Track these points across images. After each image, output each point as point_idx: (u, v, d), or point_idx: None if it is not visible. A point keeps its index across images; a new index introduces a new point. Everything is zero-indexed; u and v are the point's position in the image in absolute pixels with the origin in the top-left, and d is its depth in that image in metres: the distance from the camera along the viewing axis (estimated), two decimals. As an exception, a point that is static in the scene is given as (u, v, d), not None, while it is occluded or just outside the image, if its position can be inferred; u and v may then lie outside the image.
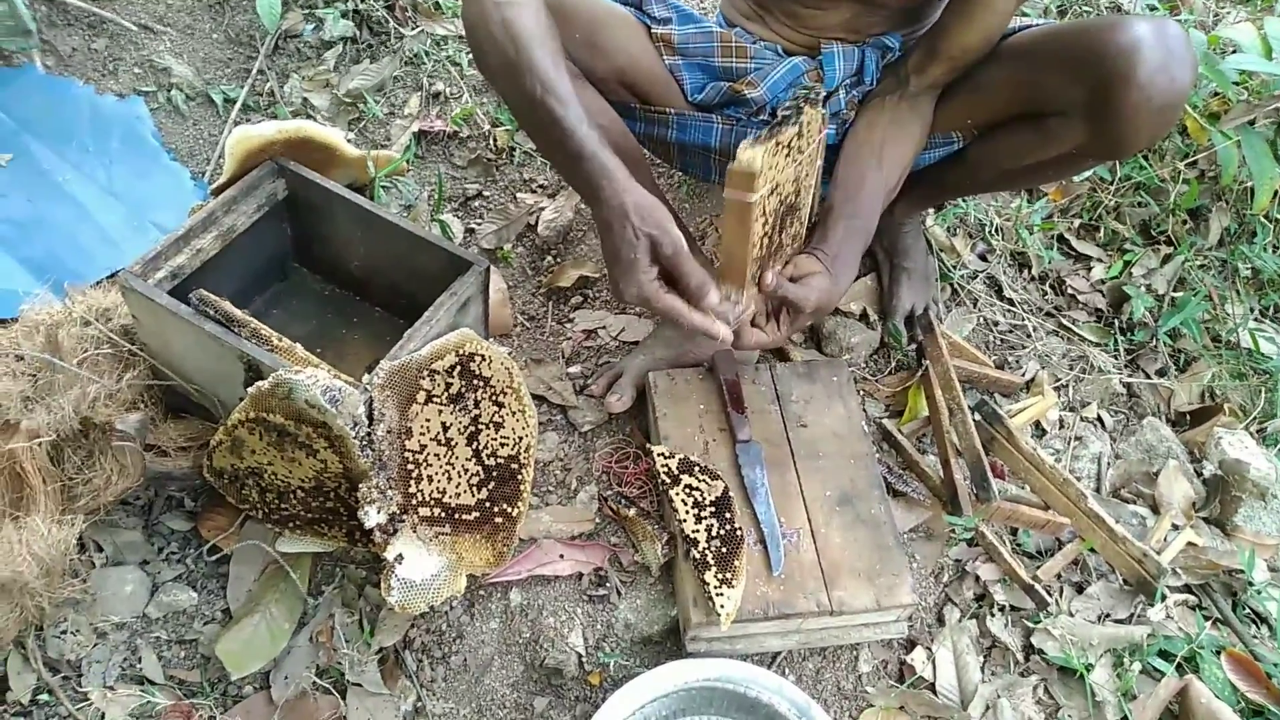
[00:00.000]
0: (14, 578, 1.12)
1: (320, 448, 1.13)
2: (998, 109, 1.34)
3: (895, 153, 1.34)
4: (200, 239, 1.31)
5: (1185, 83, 1.15)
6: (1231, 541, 1.47)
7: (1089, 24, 1.21)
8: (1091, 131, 1.23)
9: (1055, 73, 1.23)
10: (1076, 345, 1.72)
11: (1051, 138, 1.28)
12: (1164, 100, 1.14)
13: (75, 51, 1.85)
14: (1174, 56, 1.13)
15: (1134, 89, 1.13)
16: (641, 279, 1.08)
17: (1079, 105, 1.21)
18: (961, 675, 1.31)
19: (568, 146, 1.12)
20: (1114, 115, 1.17)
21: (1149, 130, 1.19)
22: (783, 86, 1.37)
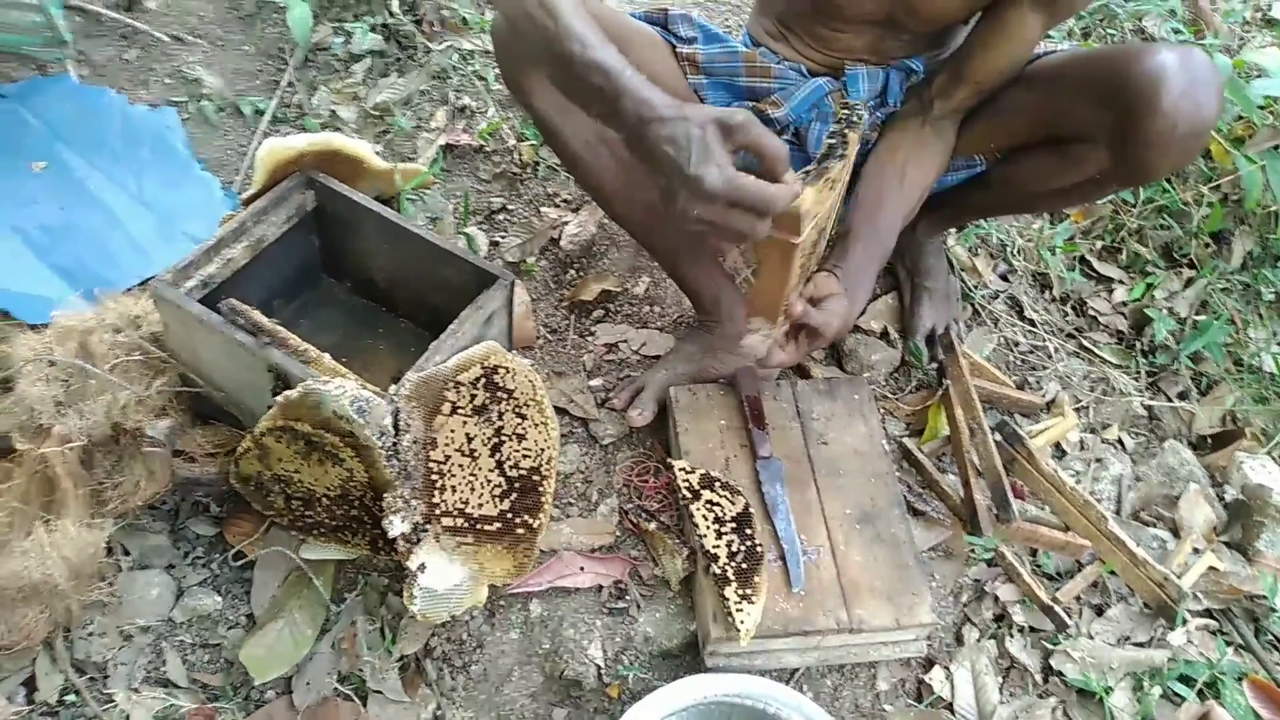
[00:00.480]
0: (44, 580, 1.14)
1: (346, 457, 1.14)
2: (1021, 133, 1.34)
3: (916, 175, 1.35)
4: (230, 249, 1.32)
5: (1211, 111, 1.15)
6: (1253, 566, 1.46)
7: (1115, 51, 1.22)
8: (1115, 158, 1.23)
9: (1080, 99, 1.24)
10: (1098, 367, 1.72)
11: (1075, 163, 1.29)
12: (1189, 128, 1.15)
13: (109, 62, 1.88)
14: (1199, 84, 1.13)
15: (1159, 116, 1.14)
16: (721, 161, 0.97)
17: (1103, 131, 1.21)
18: (980, 695, 1.31)
19: (613, 88, 1.04)
20: (1138, 142, 1.18)
21: (1173, 158, 1.19)
22: (806, 106, 1.38)
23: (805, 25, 1.36)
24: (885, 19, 1.27)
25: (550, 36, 1.11)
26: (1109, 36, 2.11)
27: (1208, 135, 1.19)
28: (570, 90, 1.16)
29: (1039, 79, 1.30)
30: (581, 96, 1.12)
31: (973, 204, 1.53)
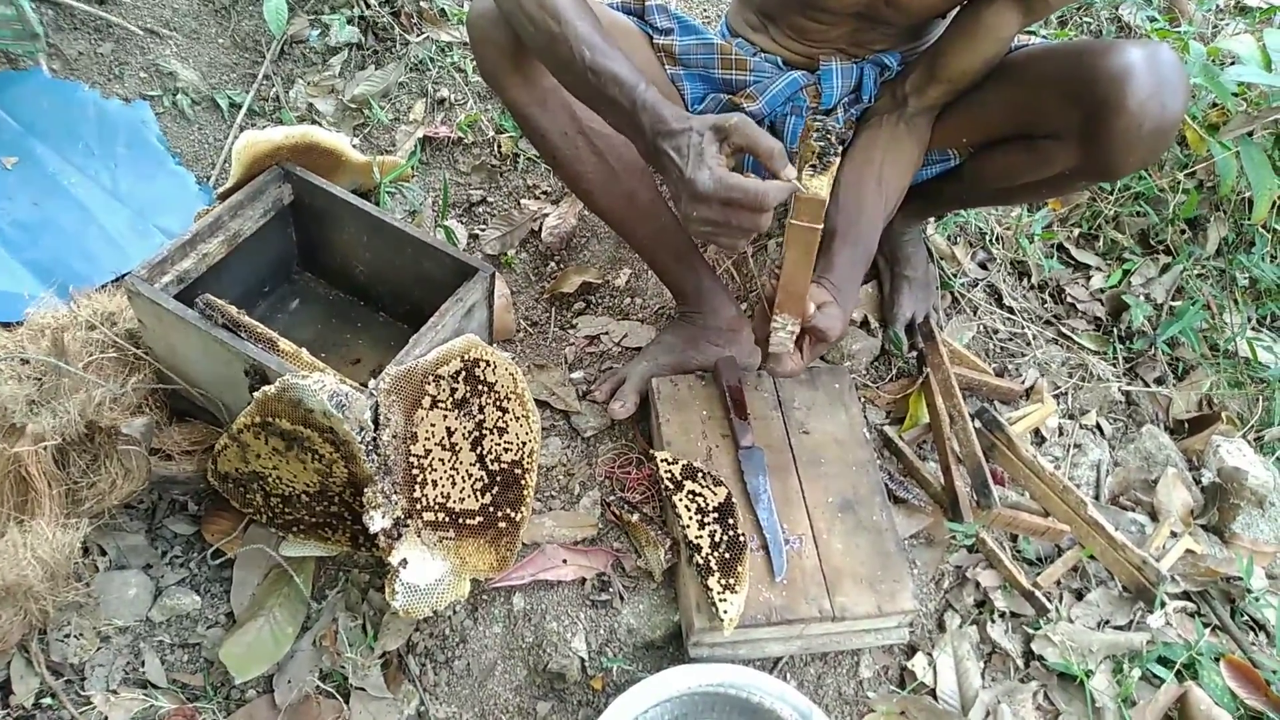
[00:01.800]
0: (18, 581, 1.12)
1: (325, 452, 1.13)
2: (992, 128, 1.35)
3: (893, 175, 1.35)
4: (206, 243, 1.31)
5: (1177, 110, 1.15)
6: (1230, 549, 1.48)
7: (1082, 47, 1.22)
8: (1083, 155, 1.24)
9: (1048, 96, 1.24)
10: (1076, 353, 1.73)
11: (1044, 159, 1.30)
12: (1154, 126, 1.15)
13: (81, 55, 1.86)
14: (1166, 84, 1.13)
15: (1125, 115, 1.14)
16: (712, 163, 1.02)
17: (1071, 129, 1.22)
18: (962, 681, 1.31)
19: (630, 101, 1.09)
20: (1105, 141, 1.18)
21: (1140, 155, 1.20)
22: (781, 100, 1.38)
23: (786, 16, 1.36)
24: (866, 10, 1.27)
25: (555, 38, 1.12)
26: (1085, 25, 2.12)
27: (1174, 133, 1.19)
28: (578, 93, 1.16)
29: (1009, 74, 1.30)
30: (592, 102, 1.14)
31: (947, 196, 1.54)
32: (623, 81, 1.08)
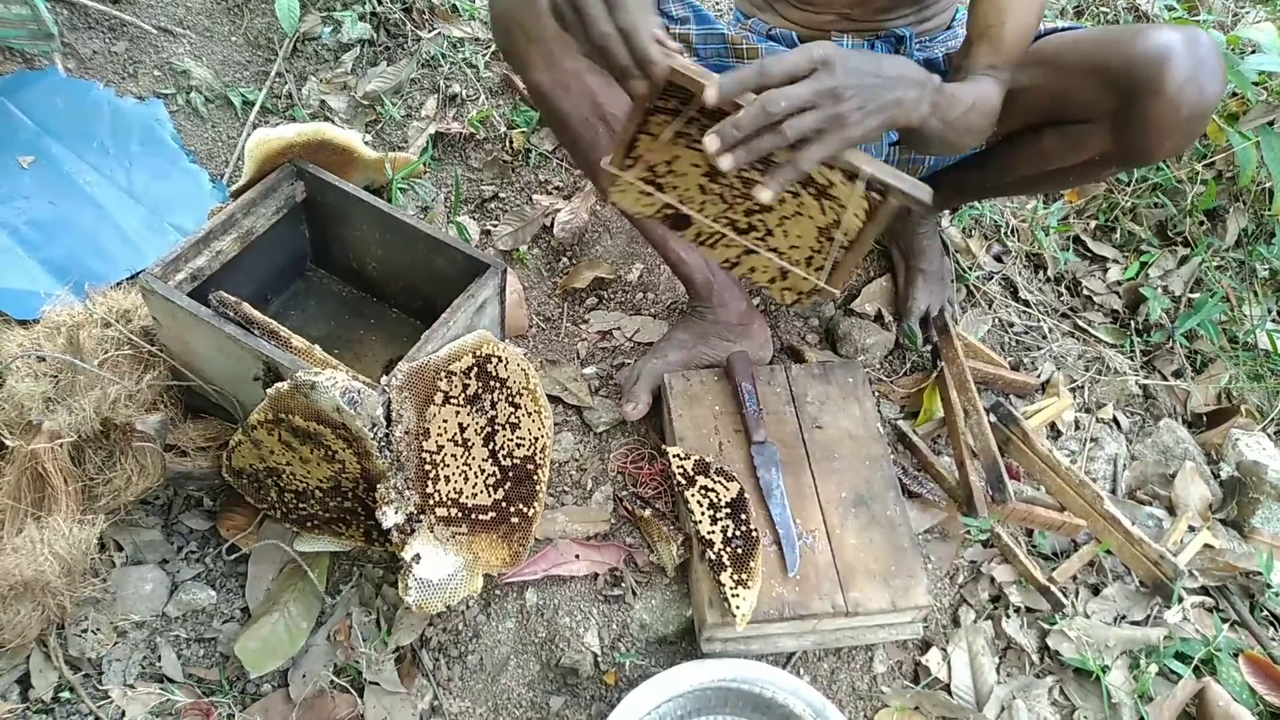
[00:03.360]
0: (36, 577, 1.13)
1: (339, 448, 1.14)
2: (1022, 115, 1.32)
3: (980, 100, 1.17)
4: (220, 241, 1.32)
5: (1214, 94, 1.14)
6: (1249, 543, 1.46)
7: (1118, 32, 1.19)
8: (1117, 140, 1.22)
9: (1082, 80, 1.22)
10: (1092, 346, 1.71)
11: (1076, 144, 1.28)
12: (1191, 111, 1.14)
13: (96, 54, 1.87)
14: (1204, 68, 1.12)
15: (1162, 100, 1.13)
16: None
17: (1106, 114, 1.20)
18: (977, 676, 1.31)
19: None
20: (1140, 125, 1.17)
21: (1175, 140, 1.18)
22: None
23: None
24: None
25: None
26: (1102, 15, 2.10)
27: (1209, 118, 1.18)
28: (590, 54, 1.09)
29: (1041, 59, 1.28)
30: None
31: (971, 185, 1.52)
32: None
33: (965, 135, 1.14)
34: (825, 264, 1.03)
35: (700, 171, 1.03)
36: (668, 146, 1.02)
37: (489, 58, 1.94)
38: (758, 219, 1.05)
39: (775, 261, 1.05)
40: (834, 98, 0.88)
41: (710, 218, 1.05)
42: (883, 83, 0.92)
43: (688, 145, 1.01)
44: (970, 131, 1.13)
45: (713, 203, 1.05)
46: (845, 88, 0.89)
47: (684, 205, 1.05)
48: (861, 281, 1.71)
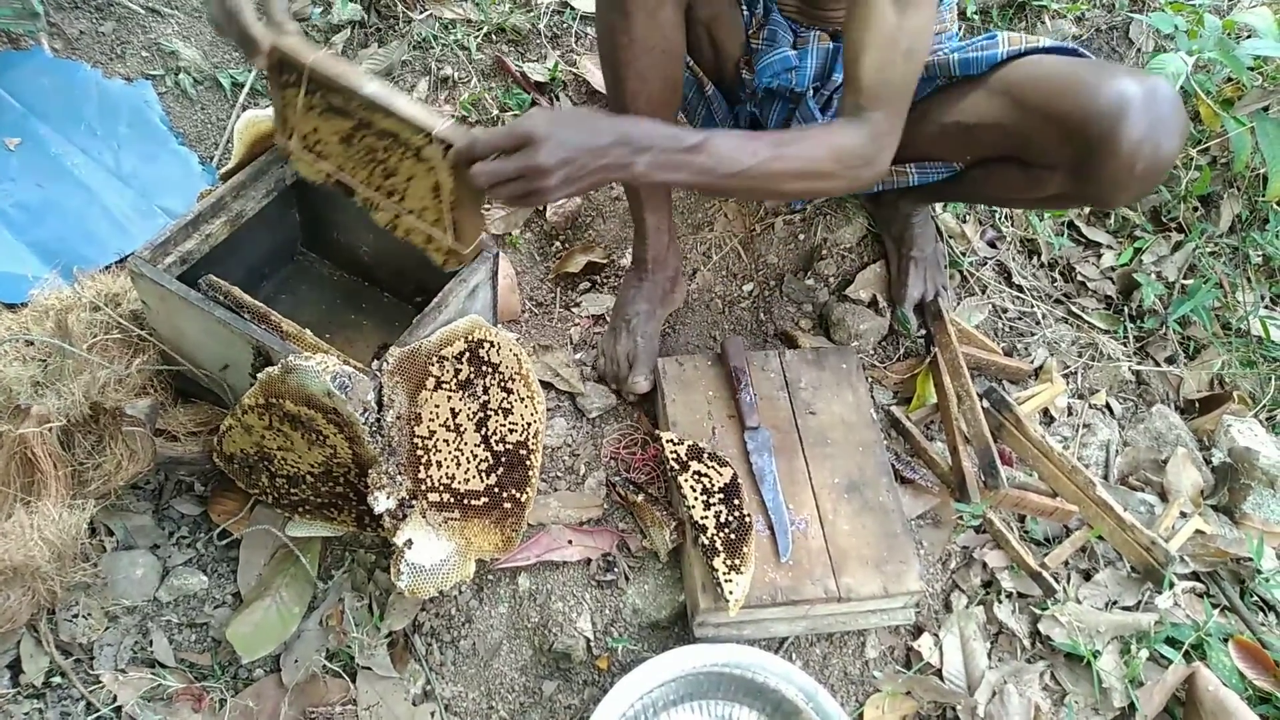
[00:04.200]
0: (26, 562, 1.13)
1: (330, 433, 1.13)
2: (989, 149, 1.33)
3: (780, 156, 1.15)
4: (209, 224, 1.30)
5: (1170, 151, 1.13)
6: (1240, 529, 1.47)
7: (1079, 77, 1.17)
8: (1075, 187, 1.23)
9: (1042, 126, 1.21)
10: (1086, 332, 1.71)
11: (1037, 183, 1.29)
12: (1146, 168, 1.13)
13: (83, 35, 1.85)
14: (1161, 125, 1.11)
15: (1117, 157, 1.13)
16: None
17: (1064, 162, 1.20)
18: (968, 661, 1.31)
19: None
20: (1095, 179, 1.17)
21: (1132, 193, 1.19)
22: (768, 75, 1.37)
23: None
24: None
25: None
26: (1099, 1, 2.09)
27: (1167, 171, 1.17)
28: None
29: (1005, 92, 1.26)
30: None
31: (949, 194, 1.56)
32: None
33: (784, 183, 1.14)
34: (447, 225, 1.14)
35: (339, 139, 1.14)
36: (307, 117, 1.14)
37: (481, 40, 1.92)
38: (390, 183, 1.15)
39: (419, 224, 1.16)
40: (537, 173, 0.99)
41: (361, 181, 1.17)
42: (589, 153, 1.01)
43: (320, 114, 1.13)
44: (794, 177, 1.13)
45: (358, 168, 1.17)
46: (547, 163, 0.99)
47: (341, 171, 1.19)
48: (855, 267, 1.71)
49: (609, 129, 1.04)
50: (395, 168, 1.13)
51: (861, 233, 1.72)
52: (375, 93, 1.08)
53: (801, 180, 1.15)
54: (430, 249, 1.19)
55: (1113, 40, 1.98)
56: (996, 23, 1.97)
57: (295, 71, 1.10)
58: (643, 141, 1.05)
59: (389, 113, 1.08)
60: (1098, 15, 2.00)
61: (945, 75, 1.33)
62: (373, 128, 1.11)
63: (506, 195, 1.03)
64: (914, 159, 1.44)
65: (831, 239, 1.72)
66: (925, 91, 1.33)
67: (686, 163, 1.07)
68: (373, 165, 1.15)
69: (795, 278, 1.69)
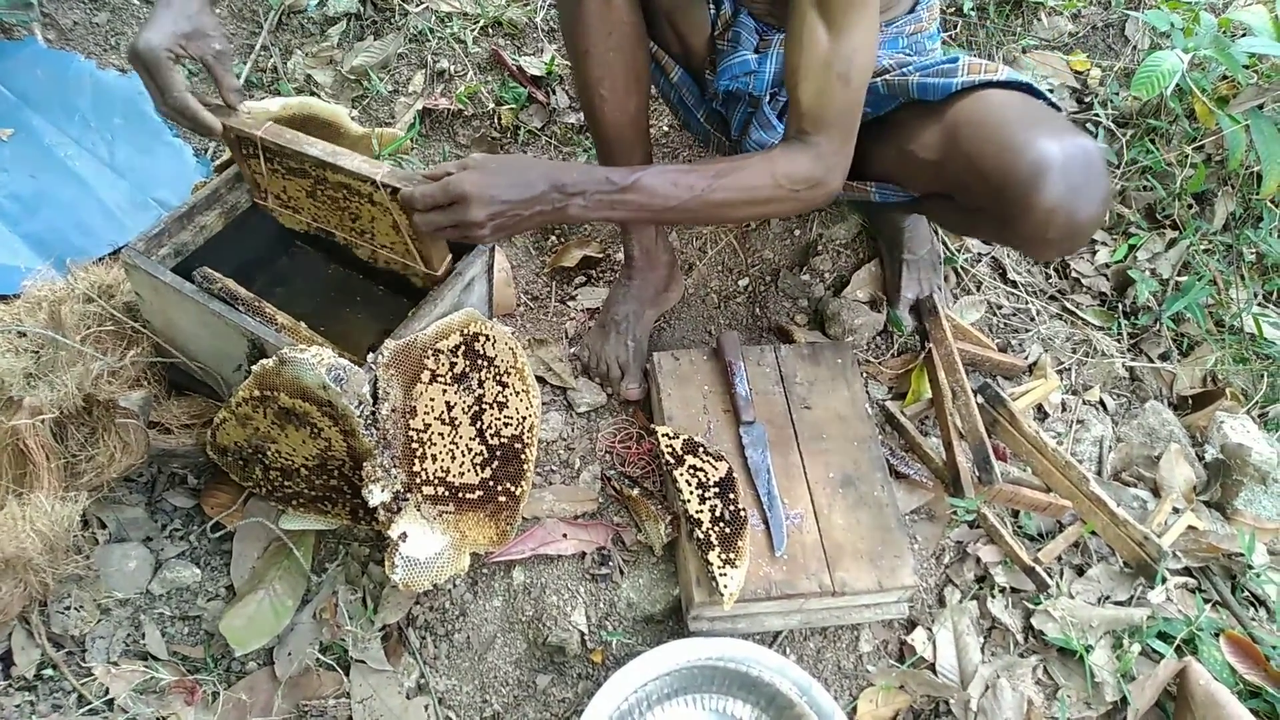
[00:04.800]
0: (18, 554, 1.12)
1: (324, 426, 1.13)
2: (932, 185, 1.33)
3: (718, 185, 1.17)
4: (204, 216, 1.30)
5: (1088, 217, 1.12)
6: (1232, 525, 1.47)
7: (1006, 134, 1.15)
8: (1002, 237, 1.25)
9: (970, 178, 1.20)
10: (1080, 329, 1.72)
11: (974, 224, 1.30)
12: (1061, 233, 1.13)
13: (77, 25, 1.84)
14: (1078, 193, 1.11)
15: (1031, 221, 1.12)
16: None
17: (991, 213, 1.20)
18: (961, 655, 1.32)
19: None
20: (1017, 234, 1.18)
21: (1052, 252, 1.21)
22: (727, 77, 1.36)
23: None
24: None
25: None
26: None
27: (1090, 232, 1.16)
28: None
29: (947, 129, 1.24)
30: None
31: (919, 211, 1.55)
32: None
33: (728, 210, 1.17)
34: (415, 256, 1.26)
35: (305, 194, 1.29)
36: (274, 179, 1.28)
37: (477, 33, 1.91)
38: (358, 225, 1.30)
39: (393, 255, 1.30)
40: (469, 225, 1.09)
41: (336, 227, 1.33)
42: (519, 204, 1.10)
43: (284, 176, 1.27)
44: (738, 205, 1.17)
45: (329, 217, 1.31)
46: (478, 218, 1.08)
47: (317, 221, 1.34)
48: (851, 263, 1.71)
49: (540, 178, 1.10)
50: (358, 213, 1.26)
51: (856, 228, 1.73)
52: (320, 153, 1.20)
53: (747, 207, 1.19)
54: (409, 273, 1.34)
55: (1109, 37, 1.98)
56: (993, 19, 1.97)
57: (251, 145, 1.23)
58: (574, 187, 1.11)
59: (335, 169, 1.19)
60: (1094, 12, 2.00)
61: (905, 96, 1.31)
62: (329, 182, 1.24)
63: (447, 239, 1.16)
64: (871, 177, 1.43)
65: (827, 234, 1.72)
66: (889, 107, 1.33)
67: (621, 202, 1.13)
68: (340, 212, 1.28)
69: (790, 273, 1.69)
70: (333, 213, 1.30)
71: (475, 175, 1.09)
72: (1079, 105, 1.90)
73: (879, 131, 1.33)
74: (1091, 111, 1.86)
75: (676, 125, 1.87)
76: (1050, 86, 1.88)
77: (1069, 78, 1.91)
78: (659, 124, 1.86)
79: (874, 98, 1.31)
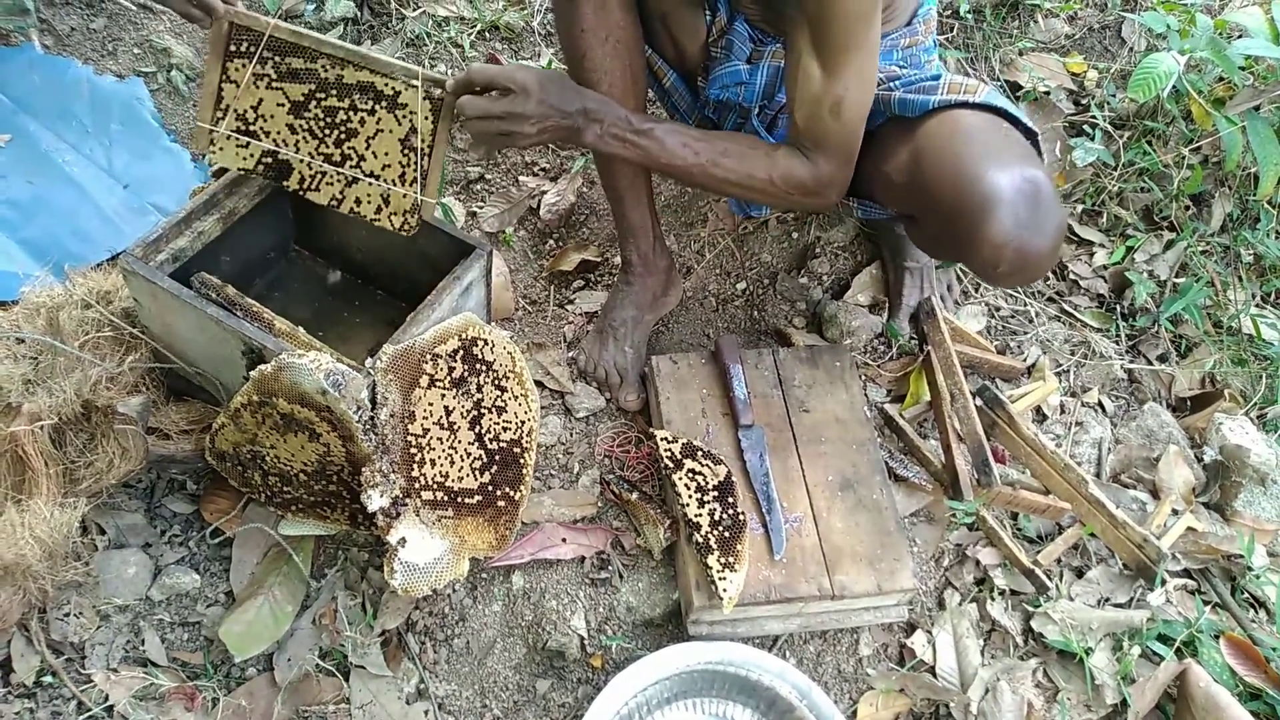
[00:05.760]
0: (17, 560, 1.12)
1: (323, 431, 1.13)
2: (902, 206, 1.34)
3: (723, 161, 1.24)
4: (202, 221, 1.30)
5: (1038, 251, 1.14)
6: (1231, 527, 1.47)
7: (964, 165, 1.16)
8: (965, 264, 1.27)
9: (929, 204, 1.22)
10: (1078, 330, 1.72)
11: (939, 249, 1.33)
12: (1012, 268, 1.15)
13: (74, 31, 1.84)
14: (1025, 227, 1.12)
15: (981, 255, 1.15)
16: None
17: (948, 242, 1.23)
18: (961, 658, 1.31)
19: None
20: (972, 265, 1.21)
21: (1007, 283, 1.22)
22: (718, 86, 1.37)
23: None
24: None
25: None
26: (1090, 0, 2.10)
27: (1043, 266, 1.18)
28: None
29: (914, 151, 1.25)
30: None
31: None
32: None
33: (721, 186, 1.26)
34: (415, 176, 1.17)
35: (286, 110, 1.15)
36: (251, 90, 1.15)
37: (474, 37, 1.92)
38: (348, 147, 1.17)
39: (376, 187, 1.18)
40: (519, 119, 1.12)
41: (308, 151, 1.19)
42: (560, 113, 1.16)
43: (269, 86, 1.14)
44: (732, 184, 1.25)
45: (305, 140, 1.17)
46: (530, 113, 1.12)
47: (283, 146, 1.19)
48: (849, 266, 1.71)
49: (578, 96, 1.19)
50: (356, 128, 1.16)
51: (854, 231, 1.73)
52: (343, 46, 1.12)
53: (740, 189, 1.27)
54: (384, 216, 1.21)
55: (1105, 39, 1.98)
56: (990, 21, 1.97)
57: (247, 40, 1.13)
58: (597, 114, 1.19)
59: (362, 64, 1.11)
60: (1090, 14, 2.00)
61: (888, 110, 1.32)
62: (337, 86, 1.13)
63: (484, 132, 1.13)
64: (854, 194, 1.43)
65: (825, 237, 1.72)
66: (875, 122, 1.33)
67: (631, 141, 1.21)
68: (326, 131, 1.17)
69: (789, 276, 1.69)
70: (314, 134, 1.17)
71: (533, 74, 1.13)
72: (1076, 107, 1.90)
73: (864, 148, 1.33)
74: (1088, 113, 1.86)
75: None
76: (1047, 89, 1.88)
77: (1066, 80, 1.91)
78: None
79: None
